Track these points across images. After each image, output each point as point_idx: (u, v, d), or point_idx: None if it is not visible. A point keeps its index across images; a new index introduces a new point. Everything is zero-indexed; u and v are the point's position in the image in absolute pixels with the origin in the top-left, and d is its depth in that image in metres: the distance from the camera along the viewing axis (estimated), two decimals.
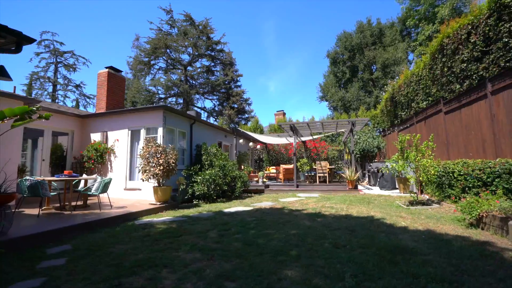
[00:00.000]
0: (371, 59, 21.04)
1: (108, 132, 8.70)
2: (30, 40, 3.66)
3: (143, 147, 7.01)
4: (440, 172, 6.62)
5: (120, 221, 5.26)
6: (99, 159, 8.29)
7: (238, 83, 24.19)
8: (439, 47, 7.62)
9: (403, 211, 5.79)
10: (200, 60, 24.25)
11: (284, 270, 2.70)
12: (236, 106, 22.59)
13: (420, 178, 6.51)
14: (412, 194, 7.05)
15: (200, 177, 7.70)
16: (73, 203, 6.17)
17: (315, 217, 5.39)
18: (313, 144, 16.51)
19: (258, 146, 15.31)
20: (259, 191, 10.40)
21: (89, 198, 6.67)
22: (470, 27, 6.20)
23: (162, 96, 24.17)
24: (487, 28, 5.66)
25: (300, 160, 15.71)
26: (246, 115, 23.59)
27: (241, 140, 12.18)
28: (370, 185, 12.60)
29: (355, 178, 10.12)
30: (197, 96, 25.44)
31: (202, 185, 7.62)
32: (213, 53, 23.68)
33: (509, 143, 5.34)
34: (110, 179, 6.07)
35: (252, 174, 12.28)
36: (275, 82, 58.50)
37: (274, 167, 15.67)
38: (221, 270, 2.73)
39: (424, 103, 9.18)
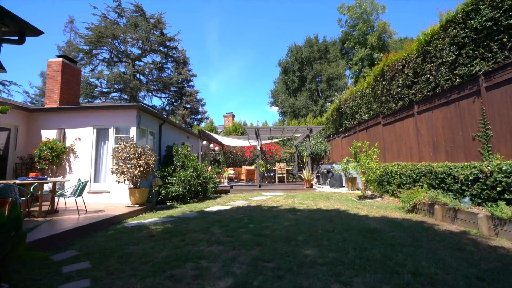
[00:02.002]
0: (318, 72, 23.69)
1: (66, 130, 7.91)
2: (37, 32, 3.46)
3: (117, 148, 6.75)
4: (381, 172, 8.33)
5: (107, 224, 5.11)
6: (55, 159, 7.49)
7: (191, 83, 23.84)
8: (381, 72, 9.51)
9: (358, 204, 7.15)
10: (152, 56, 23.04)
11: (303, 250, 3.39)
12: (189, 106, 22.23)
13: (369, 177, 8.08)
14: (360, 191, 8.64)
15: (175, 179, 7.76)
16: (33, 209, 5.59)
17: (294, 212, 6.24)
18: (268, 147, 17.68)
19: (217, 148, 15.62)
20: (225, 191, 10.83)
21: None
22: (404, 61, 8.06)
23: (105, 90, 22.02)
24: (416, 64, 7.51)
25: (256, 161, 16.67)
26: (200, 116, 23.44)
27: (204, 142, 12.35)
28: (320, 184, 14.34)
29: (311, 178, 11.51)
30: (143, 92, 24.02)
31: (178, 186, 7.71)
32: (166, 50, 22.79)
33: (427, 150, 7.22)
34: (87, 181, 5.75)
35: (218, 175, 12.59)
36: (216, 82, 58.47)
37: (232, 168, 16.20)
38: (252, 256, 3.24)
39: (366, 115, 11.14)
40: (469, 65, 5.64)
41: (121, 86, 22.06)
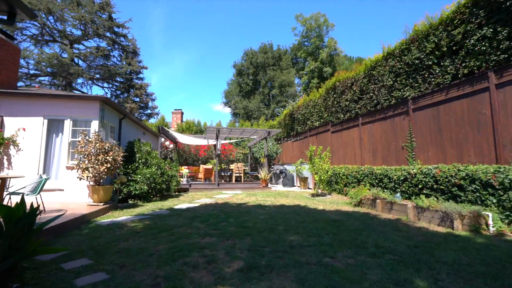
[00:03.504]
0: (271, 77, 25.06)
1: (6, 118, 6.88)
2: (30, 15, 3.26)
3: (79, 142, 6.27)
4: (332, 173, 9.66)
5: (77, 223, 4.82)
6: None
7: (141, 75, 22.38)
8: (333, 86, 10.95)
9: (313, 200, 8.20)
10: (96, 41, 20.75)
11: (287, 237, 4.01)
12: (138, 100, 20.84)
13: (322, 177, 9.28)
14: (313, 189, 9.83)
15: (139, 176, 7.55)
16: None
17: (262, 207, 6.86)
18: (223, 146, 17.98)
19: (171, 145, 15.22)
20: (185, 190, 10.80)
21: None
22: (353, 80, 9.54)
23: (33, 72, 18.90)
24: (362, 84, 9.02)
25: (210, 161, 16.84)
26: (149, 111, 22.16)
27: (163, 139, 12.00)
28: (272, 184, 15.39)
29: (268, 177, 12.37)
30: (82, 79, 21.49)
31: (142, 183, 7.51)
32: (113, 36, 20.85)
33: (368, 156, 8.76)
34: (48, 177, 5.26)
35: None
36: (159, 75, 54.97)
37: (186, 167, 15.97)
38: (248, 244, 3.71)
39: (317, 123, 12.56)
40: (402, 90, 7.20)
41: (55, 70, 19.28)
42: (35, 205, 5.48)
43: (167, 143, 13.73)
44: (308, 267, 2.82)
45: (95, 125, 7.04)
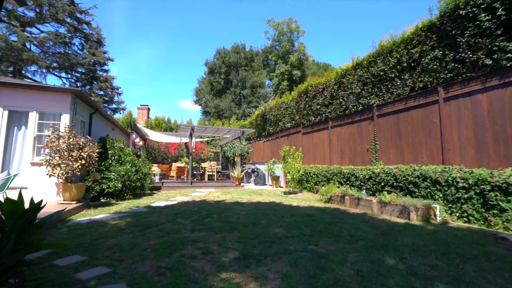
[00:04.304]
0: (243, 78, 25.29)
1: None
2: (19, 2, 3.11)
3: (50, 136, 5.90)
4: (303, 172, 10.27)
5: (53, 222, 4.60)
6: None
7: (106, 67, 20.97)
8: (305, 90, 11.61)
9: (286, 198, 8.69)
10: (54, 26, 18.92)
11: (272, 230, 4.35)
12: (102, 93, 19.53)
13: (294, 176, 9.83)
14: (286, 187, 10.35)
15: (113, 173, 7.30)
16: None
17: (241, 204, 7.12)
18: (194, 145, 17.78)
19: (141, 143, 14.67)
20: (157, 188, 10.58)
21: None
22: (324, 85, 10.27)
23: None
24: (333, 90, 9.77)
25: (182, 159, 16.59)
26: (115, 106, 20.88)
27: (134, 136, 11.55)
28: (244, 182, 15.69)
29: (241, 176, 12.63)
30: (35, 67, 19.49)
31: (117, 181, 7.28)
32: (74, 23, 19.24)
33: (337, 156, 9.54)
34: (17, 174, 4.91)
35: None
36: (119, 67, 51.14)
37: (156, 165, 15.49)
38: (236, 236, 3.96)
39: (289, 124, 13.16)
40: (368, 98, 8.02)
41: (1, 53, 17.20)
42: None
43: (137, 140, 13.21)
44: (297, 253, 3.18)
45: (65, 119, 6.64)
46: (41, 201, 2.38)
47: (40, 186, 6.32)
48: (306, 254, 3.15)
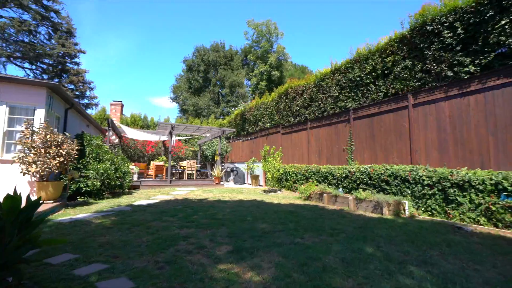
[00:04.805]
0: (222, 77, 25.19)
1: None
2: None
3: (24, 132, 5.59)
4: (283, 171, 10.62)
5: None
6: None
7: (76, 60, 19.73)
8: (285, 92, 11.98)
9: (267, 196, 8.96)
10: (16, 11, 17.42)
11: (258, 225, 4.56)
12: (72, 87, 18.39)
13: (274, 175, 10.13)
14: (266, 186, 10.62)
15: (91, 172, 7.05)
16: None
17: (224, 202, 7.25)
18: (175, 143, 17.45)
19: (116, 140, 14.12)
20: (135, 187, 10.33)
21: None
22: (304, 88, 10.69)
23: None
24: (312, 92, 10.22)
25: (159, 157, 16.25)
26: (86, 101, 19.74)
27: (111, 133, 11.10)
28: (223, 181, 15.74)
29: (221, 175, 12.70)
30: None
31: (95, 180, 7.05)
32: (40, 10, 17.87)
33: (315, 156, 10.01)
34: None
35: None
36: (87, 59, 47.72)
37: (132, 163, 14.98)
38: (226, 232, 4.11)
39: (268, 124, 13.48)
40: (345, 101, 8.55)
41: None
42: None
43: (113, 137, 12.71)
44: (286, 246, 3.42)
45: (40, 114, 6.31)
46: (40, 198, 2.37)
47: (11, 185, 5.95)
48: (294, 246, 3.41)
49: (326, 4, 52.94)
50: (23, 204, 2.27)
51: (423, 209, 5.44)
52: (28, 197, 2.54)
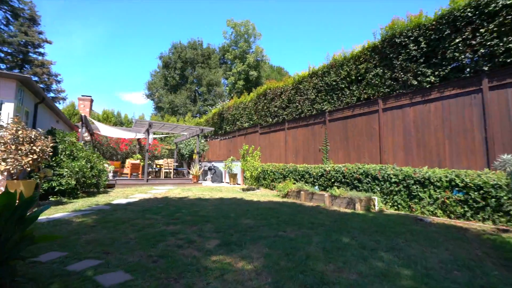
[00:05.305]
0: (199, 75, 24.85)
1: None
2: None
3: None
4: (261, 170, 10.91)
5: None
6: None
7: (41, 50, 18.30)
8: (264, 93, 12.27)
9: (246, 194, 9.19)
10: None
11: (242, 221, 4.77)
12: (37, 79, 17.04)
13: (253, 174, 10.38)
14: (245, 184, 10.83)
15: (66, 170, 6.77)
16: None
17: (205, 200, 7.35)
18: (152, 141, 16.95)
19: (88, 137, 13.43)
20: (111, 186, 9.98)
21: None
22: (282, 90, 11.07)
23: None
24: (290, 94, 10.62)
25: (134, 155, 15.76)
26: (53, 94, 18.39)
27: (83, 129, 10.55)
28: (200, 180, 15.66)
29: (199, 174, 12.67)
30: None
31: (70, 178, 6.77)
32: None
33: (292, 156, 10.43)
34: None
35: None
36: (50, 48, 44.19)
37: (108, 161, 14.33)
38: (212, 228, 4.27)
39: (247, 124, 13.69)
40: (321, 104, 9.05)
41: None
42: None
43: (85, 134, 12.09)
44: (270, 238, 3.68)
45: (8, 108, 5.93)
46: (34, 194, 2.37)
47: None
48: (278, 238, 3.68)
49: (305, 7, 54.42)
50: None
51: (390, 204, 6.03)
52: (21, 193, 2.52)
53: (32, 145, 5.40)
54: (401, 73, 6.65)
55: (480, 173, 4.84)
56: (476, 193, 4.69)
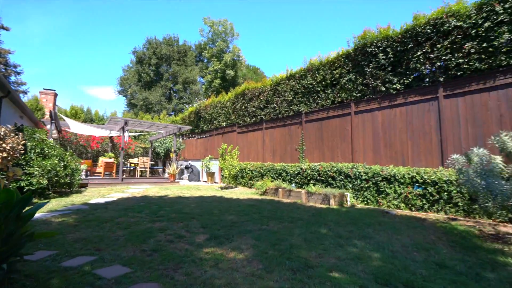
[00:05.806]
0: (175, 72, 24.29)
1: None
2: None
3: None
4: (239, 168, 11.14)
5: None
6: None
7: None
8: (242, 93, 12.49)
9: (225, 192, 9.38)
10: None
11: (226, 218, 4.98)
12: None
13: (231, 172, 10.57)
14: (221, 183, 10.98)
15: (37, 169, 6.44)
16: None
17: (186, 198, 7.41)
18: (120, 139, 16.31)
19: (55, 134, 12.62)
20: (83, 185, 9.58)
21: None
22: (261, 90, 11.38)
23: None
24: (268, 95, 10.97)
25: (106, 154, 15.14)
26: (13, 87, 16.85)
27: (52, 126, 9.93)
28: (177, 179, 15.46)
29: (176, 172, 12.55)
30: None
31: (41, 177, 6.46)
32: None
33: (269, 155, 10.81)
34: None
35: None
36: (7, 36, 40.86)
37: (81, 160, 13.57)
38: (198, 224, 4.43)
39: (224, 123, 13.82)
40: (298, 105, 9.51)
41: None
42: None
43: (54, 131, 11.36)
44: (256, 232, 3.95)
45: None
46: (31, 192, 2.39)
47: None
48: (262, 232, 3.96)
49: (284, 7, 55.37)
50: None
51: (361, 199, 6.61)
52: (16, 191, 2.51)
53: (1, 142, 5.11)
54: (371, 80, 7.29)
55: (436, 170, 5.55)
56: (432, 188, 5.38)
